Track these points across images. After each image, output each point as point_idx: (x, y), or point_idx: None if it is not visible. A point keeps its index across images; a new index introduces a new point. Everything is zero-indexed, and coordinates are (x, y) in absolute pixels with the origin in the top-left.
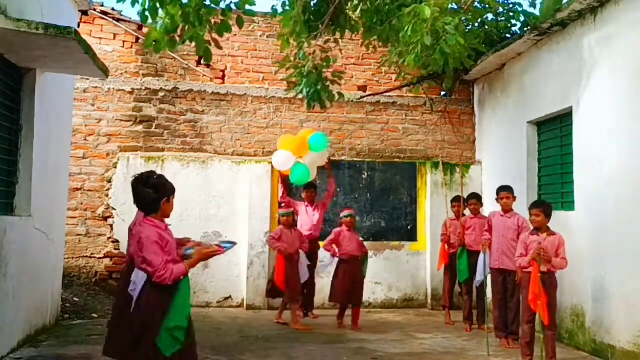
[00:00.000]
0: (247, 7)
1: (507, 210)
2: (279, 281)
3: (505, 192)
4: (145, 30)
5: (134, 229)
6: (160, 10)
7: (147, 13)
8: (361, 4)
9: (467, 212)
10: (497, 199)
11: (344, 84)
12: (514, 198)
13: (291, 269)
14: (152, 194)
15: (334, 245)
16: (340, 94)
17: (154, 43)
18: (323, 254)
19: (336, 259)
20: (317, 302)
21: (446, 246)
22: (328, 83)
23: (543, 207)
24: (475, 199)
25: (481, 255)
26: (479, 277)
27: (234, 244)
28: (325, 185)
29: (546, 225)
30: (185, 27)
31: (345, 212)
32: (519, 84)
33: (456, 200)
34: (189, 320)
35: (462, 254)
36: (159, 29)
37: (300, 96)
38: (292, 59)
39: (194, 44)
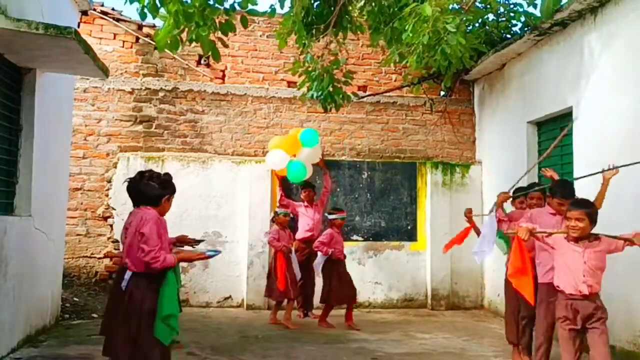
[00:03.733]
0: (250, 6)
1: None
2: (282, 280)
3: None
4: (145, 30)
5: (132, 217)
6: (162, 9)
7: (146, 10)
8: (366, 5)
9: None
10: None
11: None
12: None
13: (290, 267)
14: (158, 188)
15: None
16: (355, 94)
17: (168, 43)
18: None
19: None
20: (316, 303)
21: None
22: (341, 85)
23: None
24: (540, 191)
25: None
26: (481, 246)
27: (218, 252)
28: (321, 182)
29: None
30: (189, 27)
31: (339, 215)
32: (519, 84)
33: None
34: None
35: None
36: (164, 29)
37: (311, 99)
38: (301, 63)
39: (194, 44)
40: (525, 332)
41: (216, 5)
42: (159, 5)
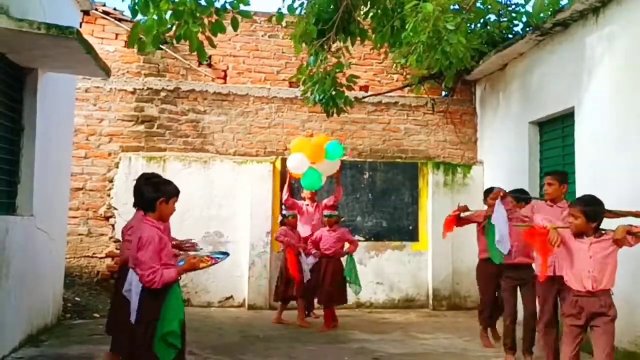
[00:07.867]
0: (243, 7)
1: (553, 200)
2: (294, 275)
3: (548, 177)
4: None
5: (130, 230)
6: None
7: (137, 7)
8: (371, 9)
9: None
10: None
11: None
12: (563, 186)
13: (299, 265)
14: (151, 192)
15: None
16: (357, 99)
17: (140, 40)
18: None
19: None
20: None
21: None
22: (343, 89)
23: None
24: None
25: (498, 209)
26: (500, 235)
27: (226, 254)
28: (326, 187)
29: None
30: (178, 25)
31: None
32: (521, 84)
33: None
34: (183, 326)
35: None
36: (145, 25)
37: (312, 102)
38: (305, 68)
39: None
40: (527, 334)
41: (206, 5)
42: (150, 3)
